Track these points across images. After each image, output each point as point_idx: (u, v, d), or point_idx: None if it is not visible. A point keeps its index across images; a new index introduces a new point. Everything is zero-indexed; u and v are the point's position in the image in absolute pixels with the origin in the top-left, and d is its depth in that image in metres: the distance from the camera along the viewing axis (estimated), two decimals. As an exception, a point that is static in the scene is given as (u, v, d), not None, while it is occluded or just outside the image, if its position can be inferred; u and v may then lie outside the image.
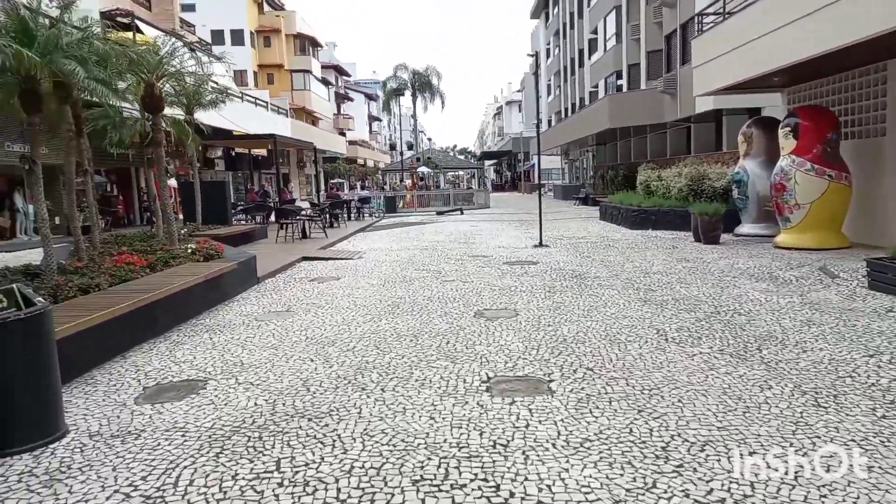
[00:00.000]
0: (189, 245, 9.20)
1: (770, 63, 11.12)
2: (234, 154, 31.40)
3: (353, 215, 23.19)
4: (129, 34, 20.50)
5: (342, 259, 12.04)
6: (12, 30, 6.23)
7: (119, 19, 21.79)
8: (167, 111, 13.59)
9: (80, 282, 6.15)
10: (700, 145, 23.50)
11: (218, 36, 44.34)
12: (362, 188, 28.35)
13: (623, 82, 28.81)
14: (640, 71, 26.70)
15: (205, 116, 17.74)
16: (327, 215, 19.24)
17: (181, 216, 16.11)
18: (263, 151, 35.39)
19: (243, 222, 18.33)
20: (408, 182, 39.07)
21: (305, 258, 12.06)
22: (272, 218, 18.39)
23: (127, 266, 7.29)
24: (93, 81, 6.55)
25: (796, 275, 9.02)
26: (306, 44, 51.30)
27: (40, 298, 3.93)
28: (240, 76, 45.96)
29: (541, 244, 13.82)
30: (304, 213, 16.04)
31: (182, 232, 12.69)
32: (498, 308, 7.39)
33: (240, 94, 31.50)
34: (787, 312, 6.68)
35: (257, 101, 32.77)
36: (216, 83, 28.10)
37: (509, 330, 6.32)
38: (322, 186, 44.56)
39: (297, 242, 14.85)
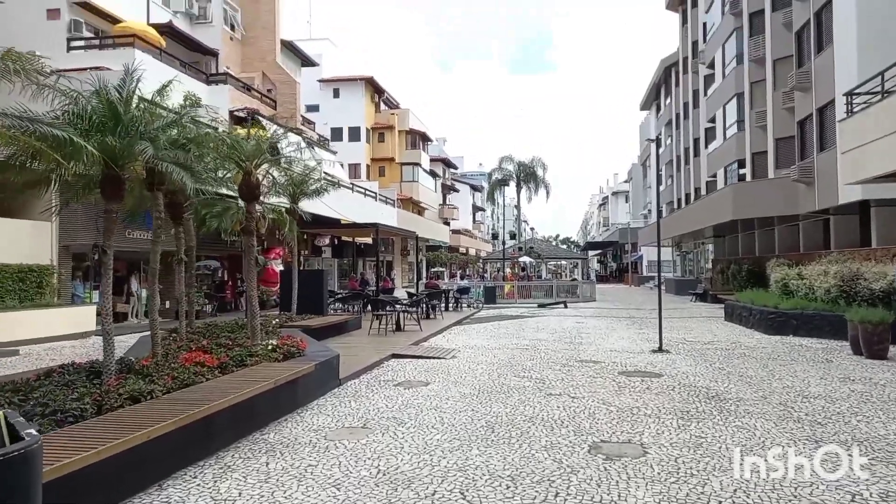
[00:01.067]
0: (271, 341, 8.47)
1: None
2: (338, 242, 31.97)
3: (451, 305, 22.26)
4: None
5: (434, 358, 10.93)
6: (101, 114, 5.94)
7: (239, 115, 23.11)
8: (272, 199, 13.62)
9: (132, 388, 5.41)
10: (842, 240, 20.77)
11: (337, 133, 47.02)
12: (462, 277, 27.52)
13: (746, 171, 26.74)
14: (766, 159, 24.63)
15: (311, 206, 17.92)
16: (424, 306, 18.42)
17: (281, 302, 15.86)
18: (368, 239, 36.00)
19: (339, 312, 17.87)
20: (508, 272, 38.00)
21: (395, 355, 11.06)
22: (369, 308, 17.81)
23: (195, 366, 6.57)
24: (172, 165, 6.10)
25: None
26: (417, 139, 53.24)
27: (32, 430, 3.06)
28: (354, 169, 48.14)
29: (660, 349, 12.03)
30: (399, 303, 15.27)
31: (274, 322, 12.20)
32: (619, 440, 5.88)
33: (350, 185, 32.54)
34: None
35: (366, 192, 33.66)
36: (328, 174, 29.19)
37: (638, 478, 4.82)
38: (424, 275, 44.56)
39: (391, 335, 13.97)
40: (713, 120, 32.08)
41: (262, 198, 10.73)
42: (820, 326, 13.58)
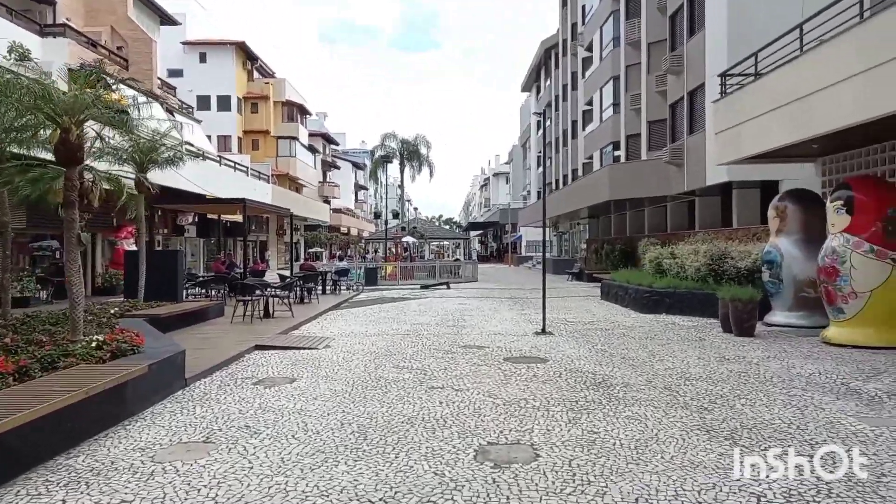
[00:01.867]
0: (96, 337, 6.97)
1: (821, 126, 9.50)
2: (204, 221, 29.37)
3: (328, 289, 21.01)
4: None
5: (304, 349, 9.81)
6: None
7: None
8: (112, 167, 11.67)
9: None
10: (706, 221, 21.94)
11: (204, 101, 43.36)
12: (341, 258, 26.19)
13: (621, 153, 27.61)
14: (639, 142, 25.50)
15: (166, 178, 15.85)
16: (298, 290, 17.08)
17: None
18: (239, 217, 33.48)
19: (199, 298, 16.08)
20: (391, 251, 37.15)
21: (259, 347, 9.81)
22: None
23: (-23, 374, 5.05)
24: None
25: (879, 388, 6.98)
26: (294, 111, 50.49)
27: None
28: (224, 141, 44.75)
29: (544, 331, 11.71)
30: (268, 287, 13.87)
31: (112, 312, 10.45)
32: (508, 441, 5.20)
33: (217, 158, 29.92)
34: (935, 465, 4.57)
35: (237, 166, 31.17)
36: (188, 144, 26.50)
37: (531, 490, 4.14)
38: (302, 256, 42.56)
39: (257, 324, 12.61)
40: (590, 102, 32.94)
41: (89, 162, 8.98)
42: (691, 305, 13.97)
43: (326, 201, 56.41)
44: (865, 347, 9.46)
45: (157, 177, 15.32)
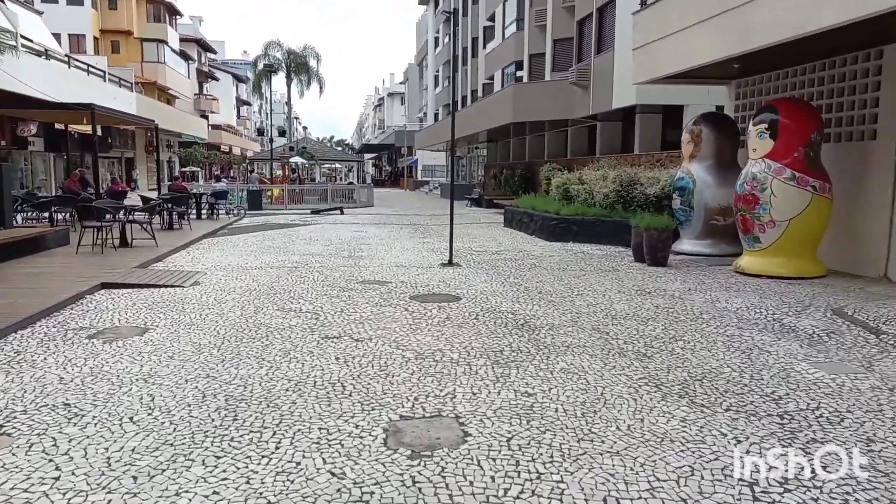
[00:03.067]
0: None
1: (748, 42, 8.72)
2: (53, 133, 25.28)
3: (203, 213, 18.68)
4: None
5: (166, 286, 8.05)
6: None
7: None
8: None
9: None
10: (606, 146, 21.56)
11: (50, -9, 36.89)
12: (219, 178, 23.33)
13: (524, 73, 26.44)
14: (544, 61, 24.41)
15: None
16: (166, 214, 14.79)
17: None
18: (98, 130, 29.22)
19: (38, 222, 13.43)
20: (279, 174, 34.42)
21: (107, 285, 7.93)
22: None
23: None
24: None
25: (815, 325, 6.53)
26: (162, 10, 44.58)
27: None
28: (76, 41, 38.81)
29: (451, 262, 10.62)
30: (125, 211, 11.64)
31: None
32: (426, 413, 4.05)
33: (65, 58, 25.51)
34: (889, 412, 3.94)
35: (90, 69, 26.82)
36: (29, 39, 22.14)
37: (466, 493, 3.01)
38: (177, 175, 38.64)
39: (111, 254, 10.52)
40: (492, 18, 31.26)
41: None
42: (600, 233, 13.43)
43: (204, 116, 51.43)
44: (779, 278, 9.20)
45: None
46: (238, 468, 3.24)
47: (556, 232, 14.03)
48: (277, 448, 3.48)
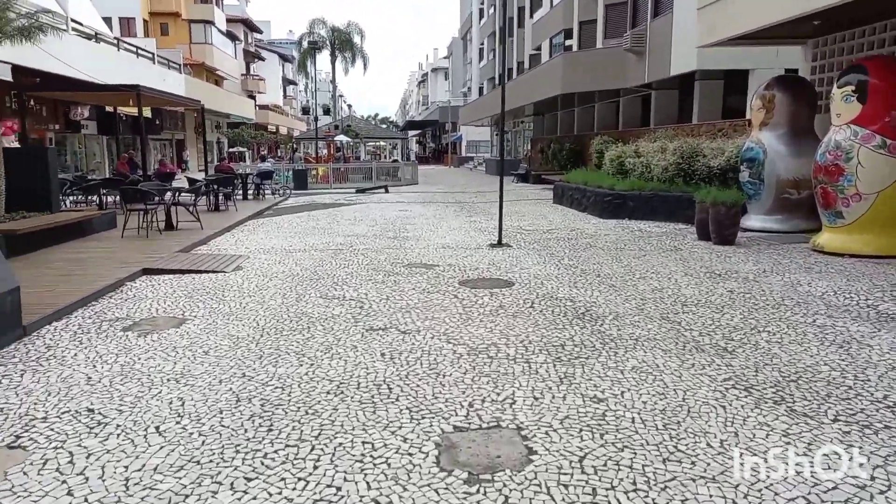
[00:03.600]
0: None
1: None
2: (105, 115, 25.67)
3: (250, 194, 18.59)
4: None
5: (208, 272, 7.80)
6: None
7: None
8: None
9: None
10: (662, 116, 20.42)
11: (98, -25, 37.33)
12: (264, 158, 23.17)
13: (573, 42, 25.30)
14: (595, 29, 23.25)
15: (47, 62, 12.74)
16: (213, 195, 14.68)
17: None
18: (146, 112, 29.60)
19: (86, 205, 13.49)
20: (324, 152, 34.29)
21: (148, 270, 7.72)
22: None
23: None
24: None
25: (926, 313, 5.73)
26: (207, -10, 44.70)
27: None
28: (126, 24, 39.31)
29: (500, 243, 10.08)
30: (171, 192, 11.51)
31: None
32: (483, 423, 3.56)
33: (114, 41, 25.77)
34: None
35: (139, 51, 27.05)
36: (79, 23, 22.36)
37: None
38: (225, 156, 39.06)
39: (156, 238, 10.39)
40: (539, -14, 30.04)
41: None
42: (657, 209, 12.62)
43: (251, 97, 51.82)
44: (864, 256, 8.33)
45: (31, 58, 12.22)
46: (270, 494, 2.83)
47: (611, 208, 13.26)
48: (316, 468, 3.06)
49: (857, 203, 8.47)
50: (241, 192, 18.06)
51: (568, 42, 26.22)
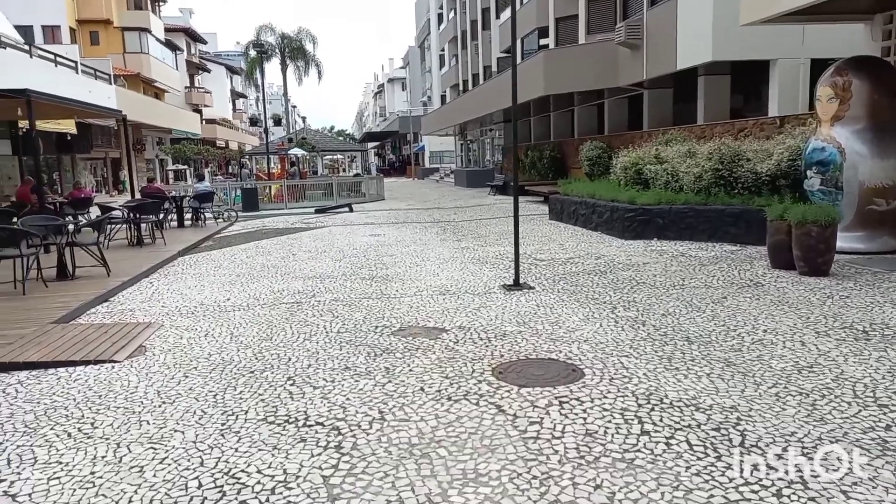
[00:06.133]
0: None
1: None
2: (25, 133, 22.15)
3: (188, 219, 15.54)
4: None
5: (87, 363, 4.90)
6: None
7: None
8: None
9: None
10: (658, 119, 18.22)
11: (16, -21, 33.49)
12: (201, 177, 19.79)
13: (549, 41, 23.01)
14: (575, 24, 20.97)
15: None
16: (133, 226, 11.64)
17: None
18: (71, 127, 26.07)
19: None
20: (277, 168, 31.17)
21: (-14, 368, 4.78)
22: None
23: None
24: None
25: None
26: (144, -3, 41.13)
27: None
28: (51, 33, 35.52)
29: (517, 284, 7.46)
30: (61, 230, 8.49)
31: None
32: None
33: (26, 47, 22.32)
34: None
35: (57, 59, 23.59)
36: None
37: None
38: (159, 175, 35.61)
39: (35, 295, 7.39)
40: (507, -17, 27.75)
41: None
42: (693, 226, 10.23)
43: (197, 110, 48.17)
44: None
45: None
46: None
47: (634, 226, 10.81)
48: None
49: None
50: (176, 218, 15.01)
51: (543, 41, 23.95)
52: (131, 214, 11.47)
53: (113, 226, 11.79)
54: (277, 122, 49.05)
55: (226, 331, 5.92)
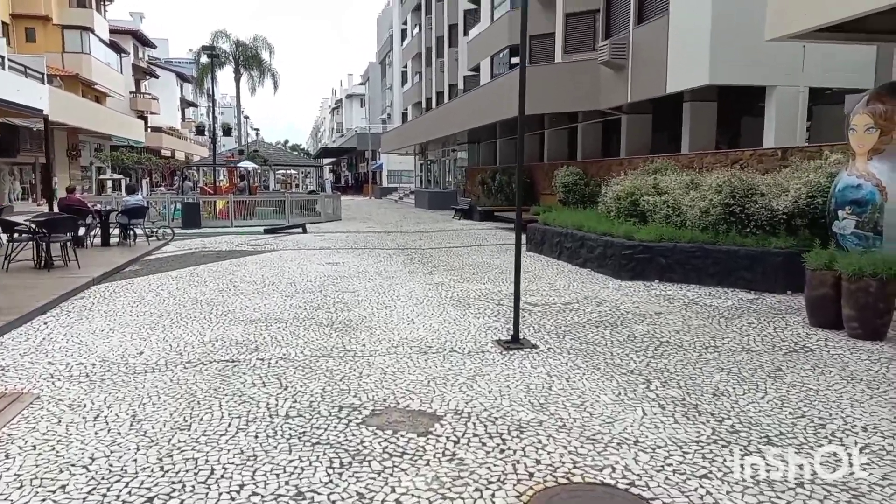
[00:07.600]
0: None
1: None
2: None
3: (115, 237, 13.49)
4: None
5: None
6: None
7: None
8: None
9: None
10: (635, 146, 17.24)
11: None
12: (132, 190, 17.42)
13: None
14: (552, 43, 19.94)
15: None
16: (40, 245, 9.66)
17: None
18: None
19: None
20: (224, 181, 29.06)
21: None
22: None
23: None
24: None
25: None
26: (88, -6, 38.46)
27: None
28: (-20, 27, 32.57)
29: (516, 340, 5.97)
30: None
31: None
32: None
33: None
34: None
35: (-20, 52, 21.16)
36: None
37: None
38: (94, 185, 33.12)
39: None
40: (477, 0, 26.75)
41: None
42: (701, 268, 9.00)
43: (142, 117, 45.36)
44: None
45: None
46: None
47: (632, 265, 9.52)
48: None
49: None
50: (100, 235, 12.97)
51: (514, 59, 22.88)
52: (40, 231, 9.49)
53: (15, 244, 9.79)
54: (227, 131, 46.73)
55: (127, 410, 4.22)
